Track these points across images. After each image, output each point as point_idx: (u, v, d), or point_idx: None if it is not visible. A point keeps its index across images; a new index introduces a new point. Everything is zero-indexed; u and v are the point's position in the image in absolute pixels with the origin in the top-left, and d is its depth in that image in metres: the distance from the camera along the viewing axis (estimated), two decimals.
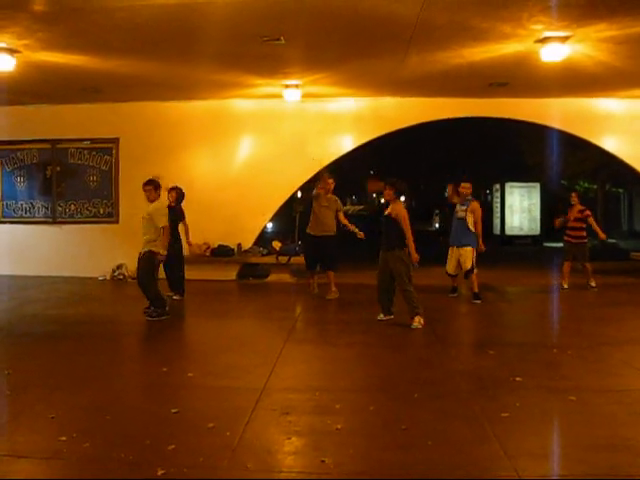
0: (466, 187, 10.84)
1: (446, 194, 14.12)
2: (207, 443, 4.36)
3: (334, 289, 11.05)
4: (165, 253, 9.20)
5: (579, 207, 11.98)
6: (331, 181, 11.20)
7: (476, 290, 10.68)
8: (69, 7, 7.51)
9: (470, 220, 10.66)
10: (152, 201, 9.31)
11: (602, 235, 12.47)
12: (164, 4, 7.50)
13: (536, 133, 21.24)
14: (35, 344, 7.60)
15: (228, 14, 7.94)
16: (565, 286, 11.91)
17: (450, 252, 10.97)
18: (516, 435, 4.50)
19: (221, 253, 13.53)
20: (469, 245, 10.64)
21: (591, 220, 12.08)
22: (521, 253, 22.92)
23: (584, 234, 11.95)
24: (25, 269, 13.77)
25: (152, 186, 9.33)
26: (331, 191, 11.18)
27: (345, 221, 11.15)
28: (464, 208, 10.75)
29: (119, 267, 13.66)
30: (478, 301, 10.57)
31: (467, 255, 10.63)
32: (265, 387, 5.70)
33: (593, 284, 11.93)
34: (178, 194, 11.03)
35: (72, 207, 14.24)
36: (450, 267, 10.97)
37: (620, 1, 7.38)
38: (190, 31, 8.62)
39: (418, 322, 8.38)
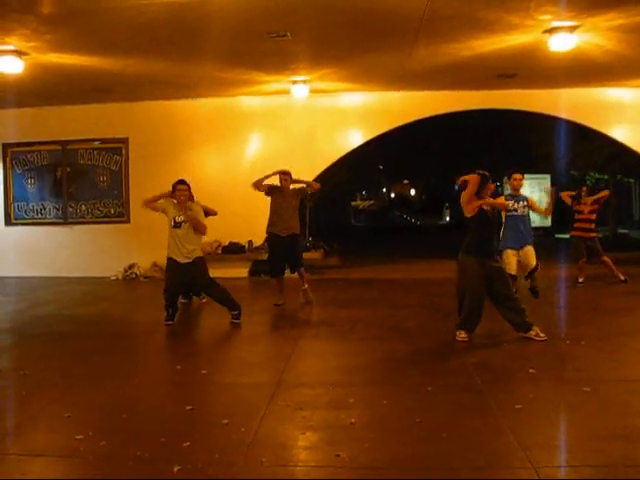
0: (518, 178, 9.71)
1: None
2: (222, 439, 4.38)
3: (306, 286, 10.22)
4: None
5: (590, 199, 11.74)
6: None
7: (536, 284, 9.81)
8: (75, 8, 7.57)
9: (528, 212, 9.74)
10: (184, 202, 8.34)
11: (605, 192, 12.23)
12: (169, 2, 7.53)
13: (545, 124, 21.12)
14: (49, 344, 7.64)
15: (233, 11, 7.97)
16: (580, 280, 11.58)
17: (507, 256, 9.67)
18: (530, 427, 4.48)
19: (232, 250, 13.60)
20: (531, 244, 9.77)
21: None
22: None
23: (594, 227, 11.68)
24: (37, 270, 13.89)
25: (188, 185, 8.44)
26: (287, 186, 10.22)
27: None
28: (524, 204, 9.66)
29: (131, 267, 13.74)
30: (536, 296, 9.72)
31: (532, 253, 9.71)
32: (279, 383, 5.71)
33: (622, 277, 11.49)
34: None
35: (83, 208, 14.33)
36: (513, 266, 9.71)
37: None
38: (196, 29, 8.64)
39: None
